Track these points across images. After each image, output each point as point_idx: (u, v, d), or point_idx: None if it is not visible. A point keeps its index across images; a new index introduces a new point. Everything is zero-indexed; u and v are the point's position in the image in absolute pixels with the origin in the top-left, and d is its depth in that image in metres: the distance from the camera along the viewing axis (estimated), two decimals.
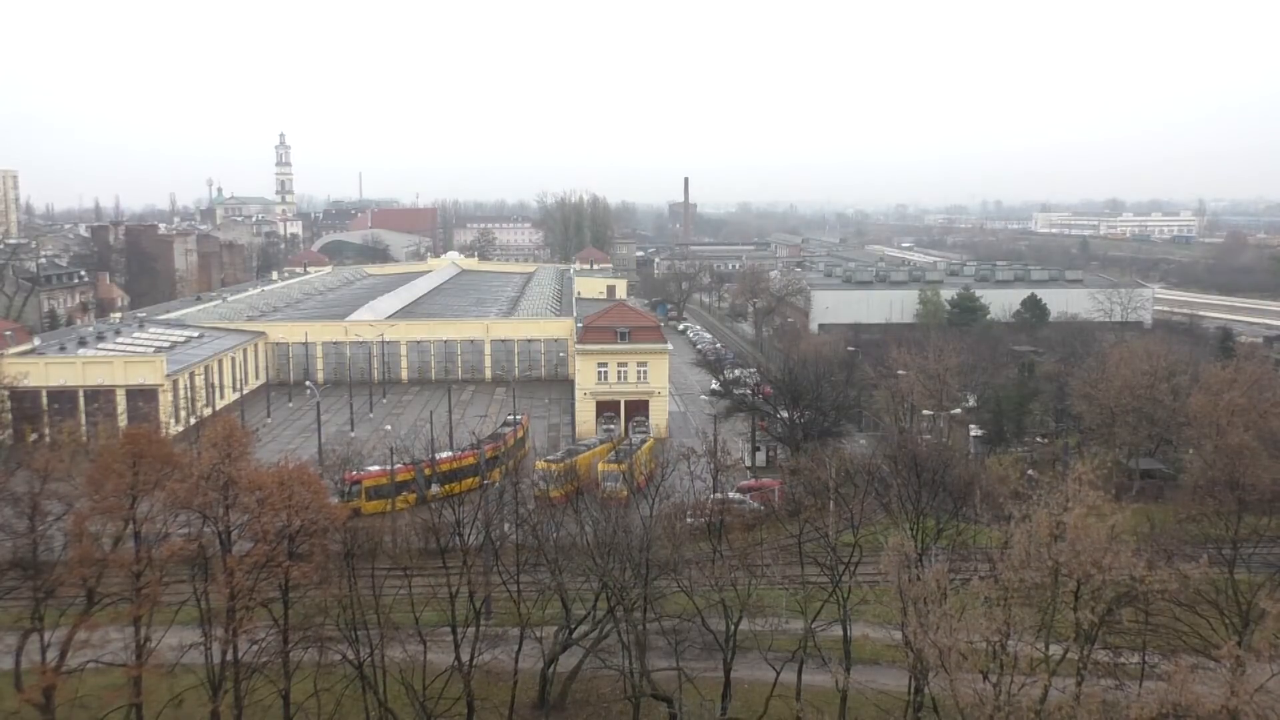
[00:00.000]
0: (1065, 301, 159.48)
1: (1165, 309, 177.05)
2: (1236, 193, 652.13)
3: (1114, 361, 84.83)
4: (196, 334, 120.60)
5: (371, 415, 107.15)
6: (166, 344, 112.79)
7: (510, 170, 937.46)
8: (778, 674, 43.95)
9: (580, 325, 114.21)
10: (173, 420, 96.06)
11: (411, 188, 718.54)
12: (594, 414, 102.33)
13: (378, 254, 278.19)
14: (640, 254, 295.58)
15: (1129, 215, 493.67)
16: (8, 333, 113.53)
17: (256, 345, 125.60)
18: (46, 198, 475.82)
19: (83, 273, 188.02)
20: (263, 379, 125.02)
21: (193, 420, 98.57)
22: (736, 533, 64.29)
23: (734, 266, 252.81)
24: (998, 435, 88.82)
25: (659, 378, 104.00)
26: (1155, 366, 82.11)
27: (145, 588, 39.19)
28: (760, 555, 57.57)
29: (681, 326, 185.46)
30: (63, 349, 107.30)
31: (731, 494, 71.35)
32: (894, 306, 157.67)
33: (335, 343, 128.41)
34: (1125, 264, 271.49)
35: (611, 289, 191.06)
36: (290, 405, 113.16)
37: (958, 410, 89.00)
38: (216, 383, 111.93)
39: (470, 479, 74.98)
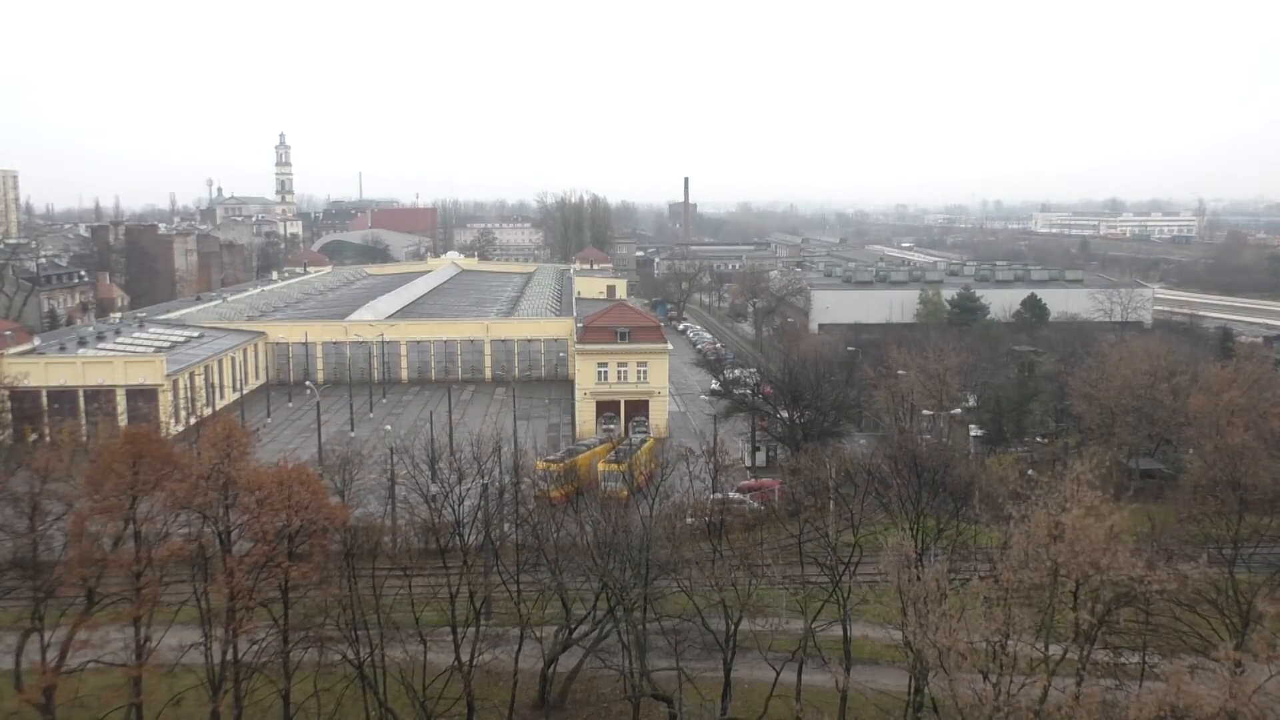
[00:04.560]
0: (1065, 301, 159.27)
1: (1165, 309, 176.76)
2: (1236, 193, 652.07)
3: (1114, 361, 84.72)
4: (196, 334, 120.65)
5: (371, 415, 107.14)
6: (166, 344, 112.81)
7: (510, 170, 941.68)
8: (778, 674, 43.97)
9: (580, 325, 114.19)
10: (173, 420, 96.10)
11: (411, 188, 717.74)
12: (594, 414, 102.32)
13: (378, 254, 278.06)
14: (640, 254, 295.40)
15: (1129, 215, 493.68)
16: (8, 333, 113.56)
17: (256, 345, 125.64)
18: (46, 198, 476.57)
19: (83, 273, 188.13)
20: (263, 379, 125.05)
21: (193, 420, 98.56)
22: (736, 533, 64.32)
23: (734, 266, 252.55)
24: (998, 435, 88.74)
25: (659, 378, 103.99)
26: (1155, 366, 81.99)
27: (145, 588, 39.23)
28: (760, 555, 57.54)
29: (681, 326, 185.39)
30: (63, 349, 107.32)
31: (731, 494, 71.33)
32: (894, 306, 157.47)
33: (335, 343, 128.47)
34: (1125, 264, 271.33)
35: (611, 289, 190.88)
36: (290, 405, 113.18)
37: (958, 410, 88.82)
38: (216, 383, 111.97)
39: None
